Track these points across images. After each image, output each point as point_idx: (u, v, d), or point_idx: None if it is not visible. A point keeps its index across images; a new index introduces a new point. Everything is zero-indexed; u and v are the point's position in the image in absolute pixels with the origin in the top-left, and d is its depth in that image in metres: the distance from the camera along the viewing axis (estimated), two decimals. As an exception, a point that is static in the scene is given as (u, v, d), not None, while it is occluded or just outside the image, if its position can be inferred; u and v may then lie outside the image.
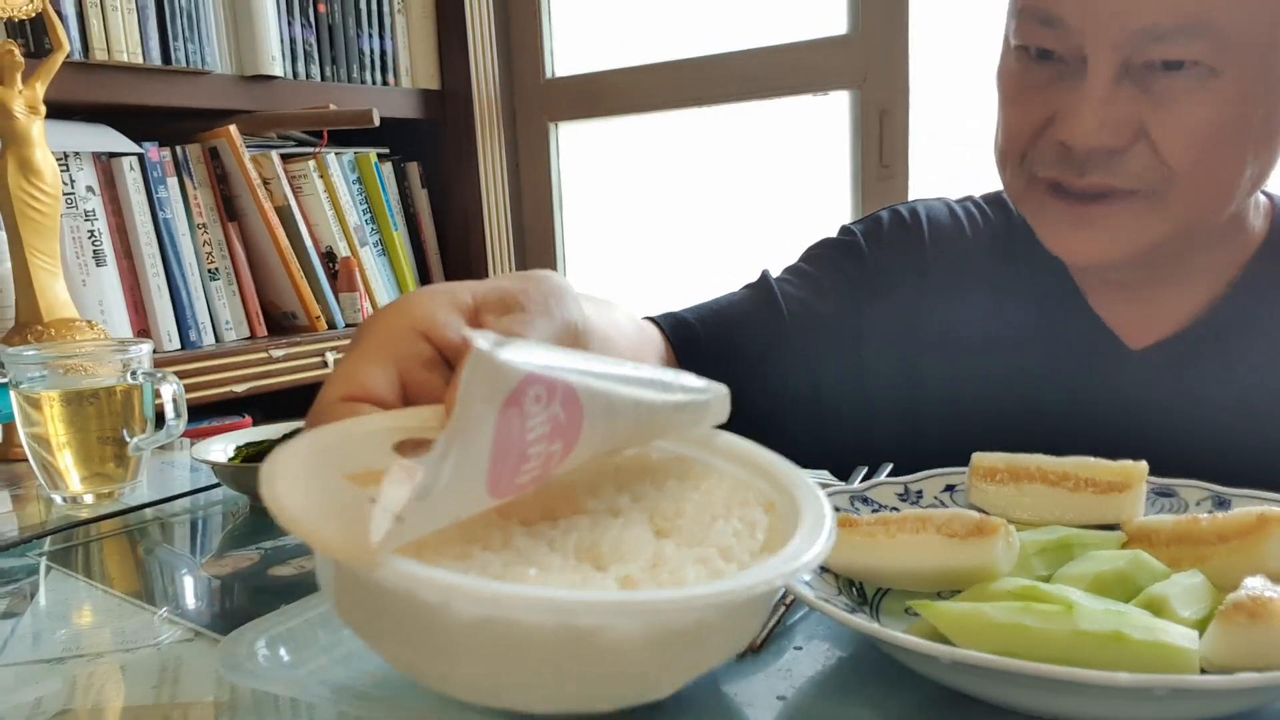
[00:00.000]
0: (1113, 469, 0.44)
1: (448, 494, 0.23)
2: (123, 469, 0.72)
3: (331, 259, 1.44)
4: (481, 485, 0.24)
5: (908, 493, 0.48)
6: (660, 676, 0.28)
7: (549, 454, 0.25)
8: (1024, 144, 0.53)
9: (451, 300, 0.34)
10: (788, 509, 0.32)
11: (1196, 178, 0.49)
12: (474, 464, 0.23)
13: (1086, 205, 0.51)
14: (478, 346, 0.22)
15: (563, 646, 0.25)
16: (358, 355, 0.32)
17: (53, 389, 0.70)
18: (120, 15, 1.21)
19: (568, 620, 0.25)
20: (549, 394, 0.24)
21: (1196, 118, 0.48)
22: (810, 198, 1.52)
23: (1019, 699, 0.32)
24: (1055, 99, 0.50)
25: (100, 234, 1.20)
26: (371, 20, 1.51)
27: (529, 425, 0.24)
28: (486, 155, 1.61)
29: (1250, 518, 0.37)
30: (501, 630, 0.25)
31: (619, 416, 0.27)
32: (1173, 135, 0.48)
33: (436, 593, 0.24)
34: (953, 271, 0.64)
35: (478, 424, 0.23)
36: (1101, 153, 0.49)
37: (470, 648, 0.25)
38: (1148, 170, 0.49)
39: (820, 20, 1.43)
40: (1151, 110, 0.48)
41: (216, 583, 0.55)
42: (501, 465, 0.24)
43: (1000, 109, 0.55)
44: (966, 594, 0.38)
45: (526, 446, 0.24)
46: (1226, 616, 0.32)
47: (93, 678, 0.43)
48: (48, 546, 0.63)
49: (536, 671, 0.26)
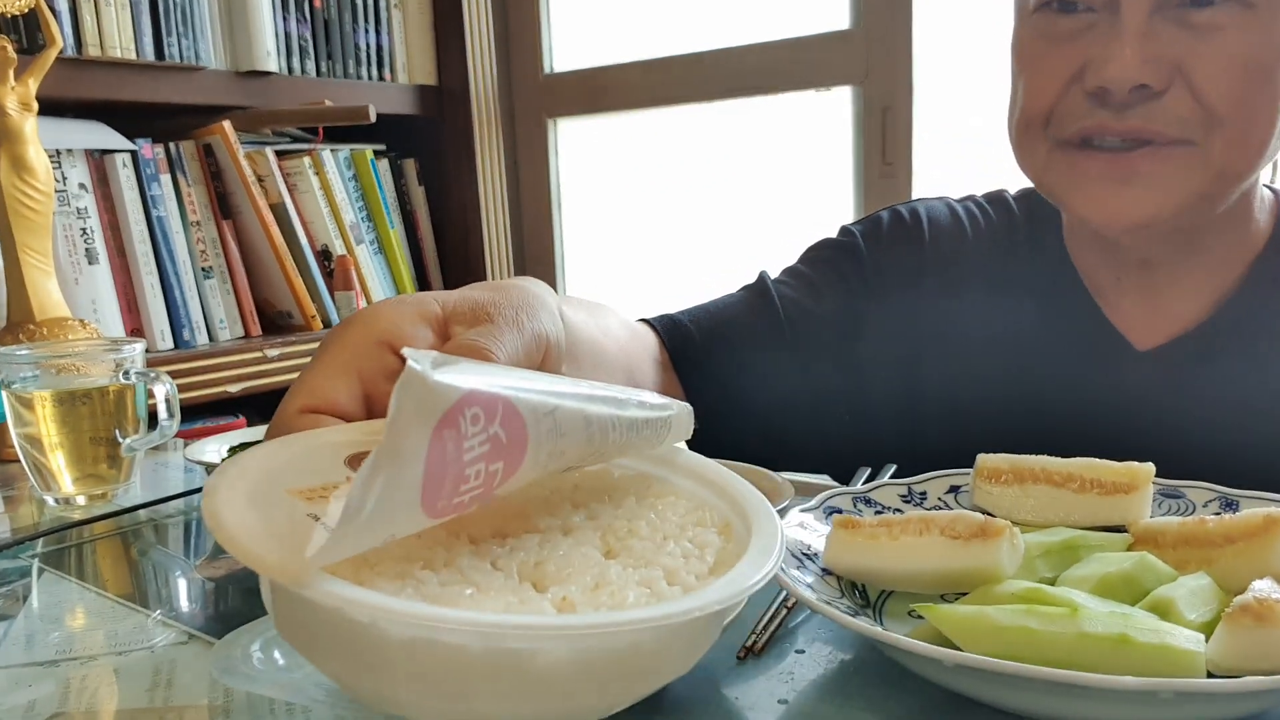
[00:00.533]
0: (1119, 470, 0.43)
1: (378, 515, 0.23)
2: (115, 470, 0.72)
3: (327, 257, 1.43)
4: (415, 505, 0.24)
5: (911, 494, 0.48)
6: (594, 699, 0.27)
7: (490, 473, 0.25)
8: (1050, 102, 0.52)
9: (419, 311, 0.34)
10: (743, 531, 0.32)
11: (1235, 120, 0.48)
12: (406, 484, 0.23)
13: (1123, 156, 0.49)
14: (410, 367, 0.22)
15: (492, 668, 0.25)
16: (320, 366, 0.32)
17: (45, 389, 0.69)
18: (113, 10, 1.20)
19: (495, 644, 0.25)
20: (487, 414, 0.24)
21: (1233, 52, 0.47)
22: (812, 194, 1.52)
23: (1023, 702, 0.32)
24: (1085, 48, 0.50)
25: (93, 232, 1.19)
26: (368, 15, 1.50)
27: (465, 445, 0.24)
28: (484, 152, 1.60)
29: (1257, 519, 0.37)
30: (431, 650, 0.25)
31: (567, 435, 0.27)
32: (1211, 72, 0.47)
33: (364, 613, 0.24)
34: (953, 271, 0.64)
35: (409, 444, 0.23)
36: (1140, 93, 0.48)
37: (401, 667, 0.25)
38: (1187, 115, 0.48)
39: (822, 15, 1.43)
40: (1189, 47, 0.47)
41: (210, 585, 0.55)
42: (437, 485, 0.24)
43: (1019, 79, 0.54)
44: (970, 596, 0.38)
45: (464, 467, 0.24)
46: (1233, 619, 0.32)
47: (86, 681, 0.42)
48: (40, 548, 0.62)
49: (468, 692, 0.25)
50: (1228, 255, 0.56)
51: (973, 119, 1.31)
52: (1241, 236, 0.57)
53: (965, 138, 1.33)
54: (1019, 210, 0.65)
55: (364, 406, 0.32)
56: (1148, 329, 0.57)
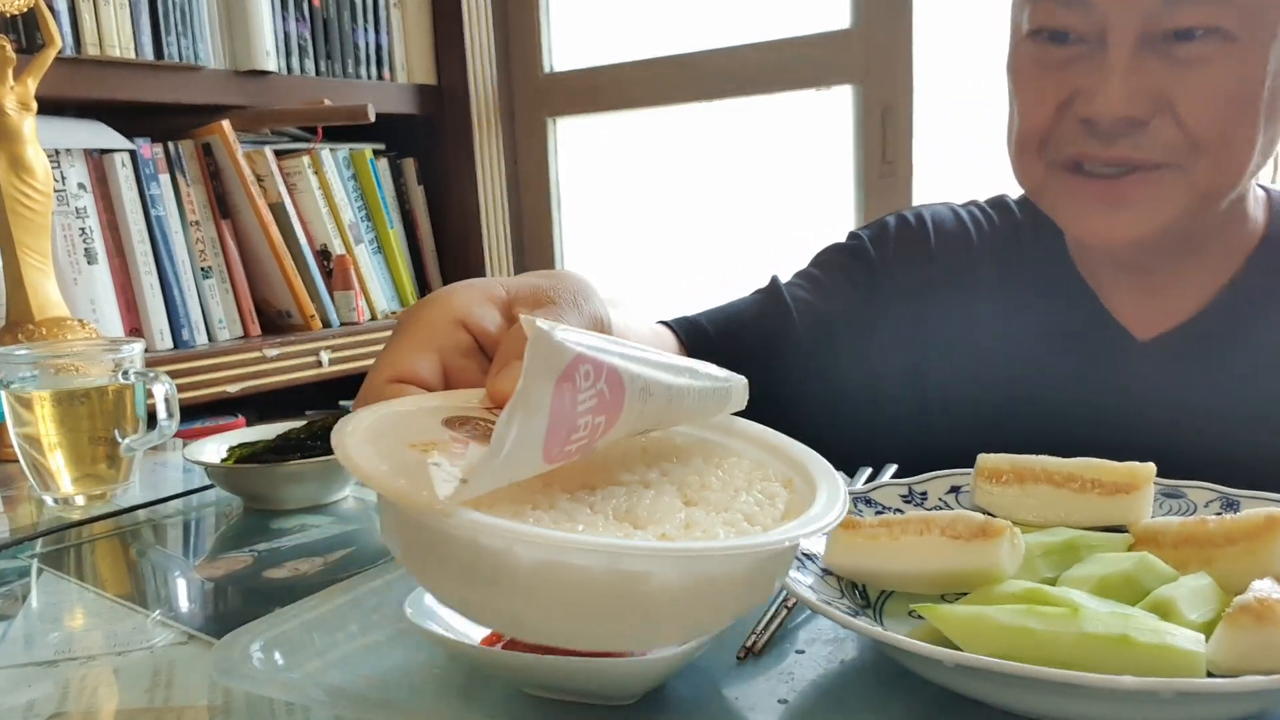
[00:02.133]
0: (1119, 470, 0.43)
1: (511, 457, 0.26)
2: (114, 470, 0.72)
3: (326, 257, 1.43)
4: (538, 451, 0.27)
5: (912, 494, 0.48)
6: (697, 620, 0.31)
7: (594, 425, 0.29)
8: (1044, 128, 0.54)
9: (487, 294, 0.37)
10: (804, 485, 0.35)
11: (1217, 147, 0.50)
12: (534, 431, 0.26)
13: (1113, 183, 0.52)
14: (538, 326, 0.26)
15: (611, 589, 0.28)
16: (402, 343, 0.35)
17: (44, 389, 0.69)
18: (112, 10, 1.20)
19: (615, 564, 0.28)
20: (596, 372, 0.28)
21: (1217, 83, 0.49)
22: (812, 194, 1.52)
23: (1024, 702, 0.32)
24: (1075, 78, 0.52)
25: (92, 231, 1.19)
26: (367, 14, 1.50)
27: (579, 399, 0.27)
28: (484, 151, 1.60)
29: (1258, 519, 0.37)
30: (557, 574, 0.28)
31: (653, 397, 0.30)
32: (1195, 103, 0.49)
33: (499, 539, 0.27)
34: (958, 272, 0.65)
35: (538, 395, 0.26)
36: (1126, 124, 0.50)
37: (529, 590, 0.28)
38: (1172, 142, 0.50)
39: (822, 14, 1.43)
40: (1174, 79, 0.49)
41: (210, 585, 0.55)
42: (556, 433, 0.27)
43: (1015, 99, 0.56)
44: (971, 597, 0.38)
45: (576, 418, 0.28)
46: (1233, 619, 0.32)
47: (85, 681, 0.42)
48: (39, 548, 0.62)
49: (589, 612, 0.29)
50: (1224, 252, 0.58)
51: (973, 118, 1.31)
52: (1236, 234, 0.58)
53: (965, 137, 1.33)
54: (1020, 213, 0.67)
55: (442, 378, 0.35)
56: (1147, 321, 0.59)
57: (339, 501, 0.69)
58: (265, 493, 0.67)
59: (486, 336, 0.36)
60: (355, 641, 0.41)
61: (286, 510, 0.66)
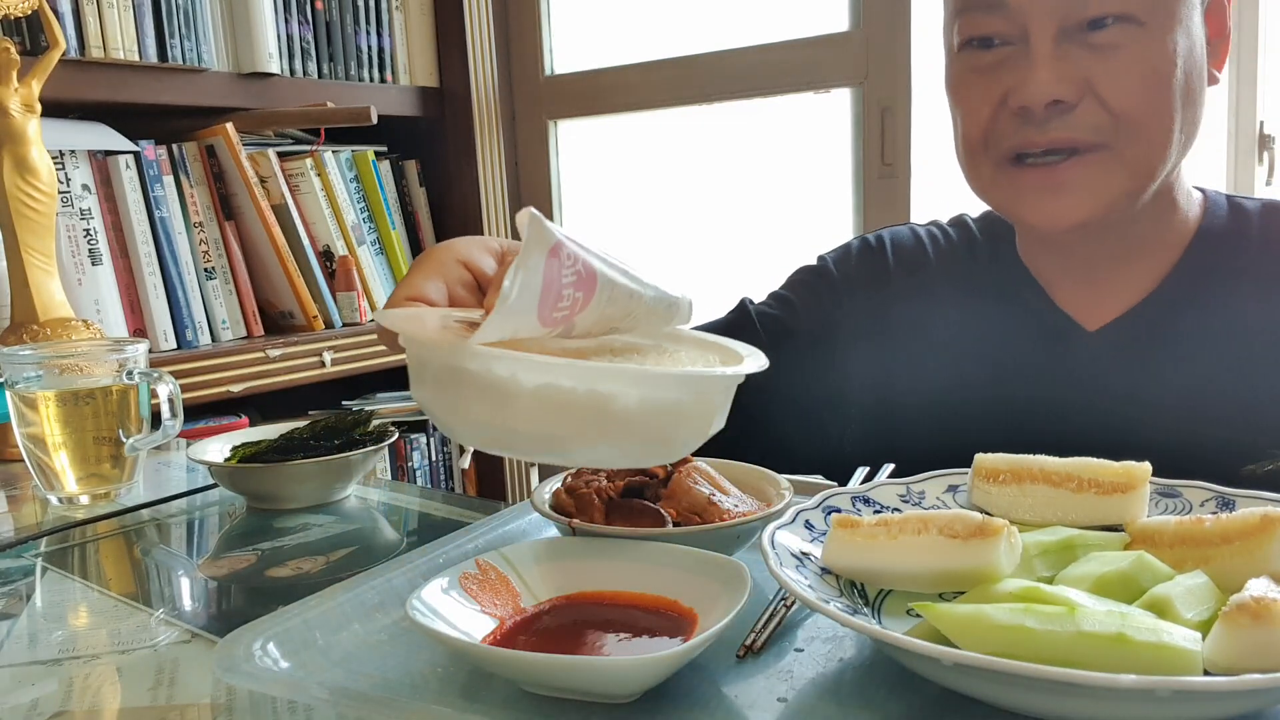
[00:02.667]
0: (1116, 470, 0.43)
1: (514, 307, 0.33)
2: (119, 469, 0.72)
3: (329, 258, 1.43)
4: (534, 310, 0.34)
5: (910, 494, 0.48)
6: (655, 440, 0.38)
7: (574, 299, 0.35)
8: (985, 127, 0.59)
9: (485, 245, 0.47)
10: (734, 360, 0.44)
11: (1139, 124, 0.56)
12: (531, 289, 0.33)
13: (1052, 169, 0.57)
14: (534, 213, 0.33)
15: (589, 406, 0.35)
16: (417, 273, 0.45)
17: (48, 389, 0.69)
18: (116, 12, 1.20)
19: (593, 384, 0.35)
20: (574, 258, 0.34)
21: (1131, 65, 0.55)
22: (811, 196, 1.52)
23: (1021, 701, 0.32)
24: (1005, 78, 0.57)
25: (96, 233, 1.20)
26: (369, 17, 1.50)
27: (563, 272, 0.34)
28: (485, 153, 1.60)
29: (1254, 519, 0.37)
30: (550, 394, 0.35)
31: (618, 289, 0.38)
32: (1115, 83, 0.55)
33: (507, 366, 0.35)
34: (916, 287, 0.71)
35: (534, 261, 0.33)
36: (1056, 109, 0.56)
37: (529, 409, 0.35)
38: (1099, 123, 0.56)
39: (822, 17, 1.43)
40: (1094, 63, 0.55)
41: (213, 584, 0.55)
42: (546, 296, 0.34)
43: (957, 110, 0.62)
44: (969, 595, 0.38)
45: (562, 287, 0.34)
46: (1230, 618, 0.32)
47: (89, 679, 0.43)
48: (44, 547, 0.62)
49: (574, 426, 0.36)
50: (1160, 244, 0.63)
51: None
52: (1170, 227, 0.63)
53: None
54: (977, 229, 0.73)
55: (448, 303, 0.44)
56: (1094, 312, 0.63)
57: (341, 501, 0.69)
58: (268, 492, 0.67)
59: (484, 276, 0.46)
60: (358, 640, 0.41)
61: (289, 509, 0.67)
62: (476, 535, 0.52)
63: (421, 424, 1.58)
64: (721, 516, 0.47)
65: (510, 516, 0.55)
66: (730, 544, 0.47)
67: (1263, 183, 1.25)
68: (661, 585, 0.41)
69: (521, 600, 0.42)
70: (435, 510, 0.71)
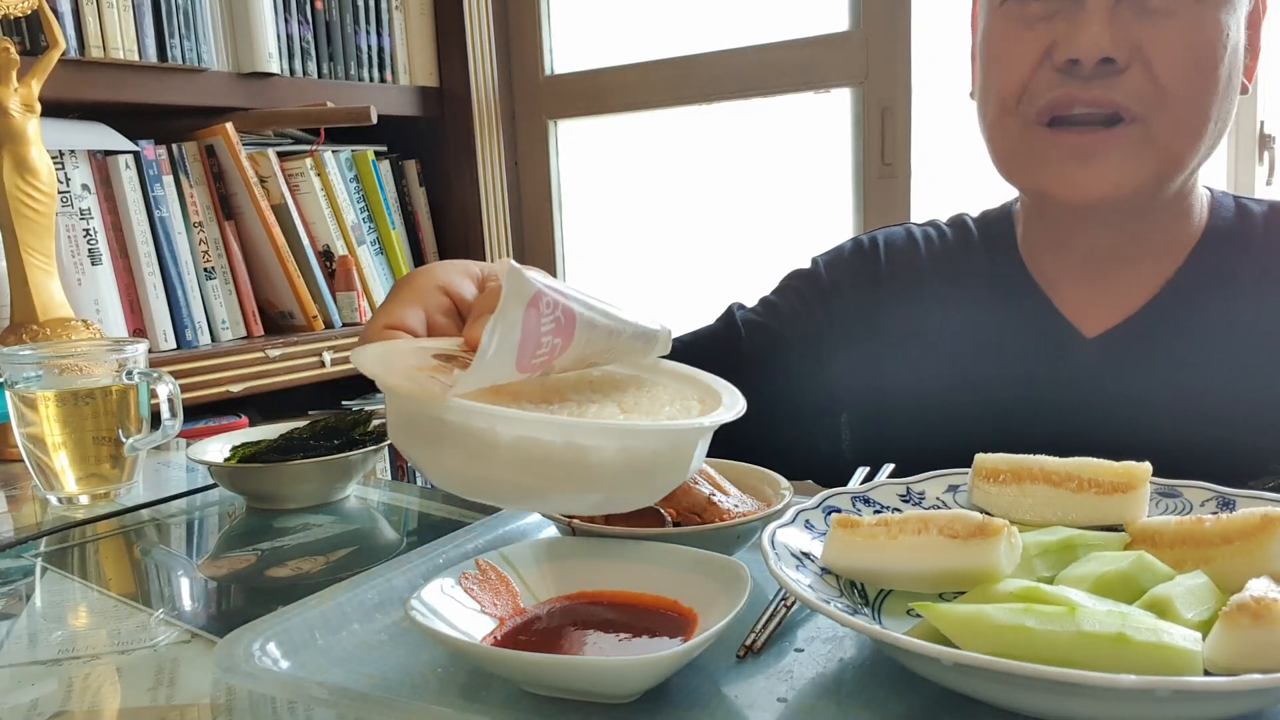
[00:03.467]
0: (1116, 470, 0.43)
1: (493, 360, 0.34)
2: (118, 469, 0.72)
3: (329, 258, 1.43)
4: (512, 360, 0.34)
5: (910, 494, 0.48)
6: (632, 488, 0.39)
7: (554, 345, 0.36)
8: (1023, 80, 0.57)
9: (465, 270, 0.46)
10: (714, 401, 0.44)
11: (1179, 101, 0.55)
12: (509, 342, 0.34)
13: (1088, 134, 0.55)
14: (512, 265, 0.33)
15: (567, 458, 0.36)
16: (396, 301, 0.44)
17: (48, 389, 0.69)
18: (116, 12, 1.20)
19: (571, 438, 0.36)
20: (553, 305, 0.35)
21: (1183, 36, 0.54)
22: (811, 196, 1.52)
23: (1021, 701, 0.32)
24: (1053, 29, 0.55)
25: (95, 233, 1.20)
26: (369, 17, 1.50)
27: (542, 322, 0.35)
28: (485, 153, 1.60)
29: (1254, 519, 0.37)
30: (528, 447, 0.36)
31: (597, 329, 0.38)
32: (1165, 53, 0.54)
33: (485, 420, 0.35)
34: (907, 287, 0.70)
35: (512, 315, 0.33)
36: (1105, 68, 0.54)
37: (507, 461, 0.36)
38: (1142, 92, 0.55)
39: (822, 17, 1.43)
40: (1147, 30, 0.54)
41: (213, 584, 0.55)
42: (525, 347, 0.35)
43: (992, 68, 0.59)
44: (969, 595, 0.38)
45: (540, 336, 0.35)
46: (1230, 618, 0.32)
47: (89, 679, 0.43)
48: (43, 547, 0.62)
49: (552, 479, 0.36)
50: (1167, 247, 0.62)
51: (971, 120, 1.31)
52: (1180, 229, 0.62)
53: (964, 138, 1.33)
54: (975, 228, 0.71)
55: (426, 330, 0.44)
56: (1095, 318, 0.62)
57: (341, 501, 0.69)
58: (268, 492, 0.67)
59: (463, 302, 0.45)
60: (357, 640, 0.41)
61: (289, 509, 0.67)
62: (476, 535, 0.52)
63: (421, 424, 1.58)
64: (721, 516, 0.47)
65: (510, 516, 0.55)
66: (730, 544, 0.47)
67: (1263, 183, 1.25)
68: (661, 585, 0.41)
69: (521, 600, 0.42)
70: (435, 510, 0.71)
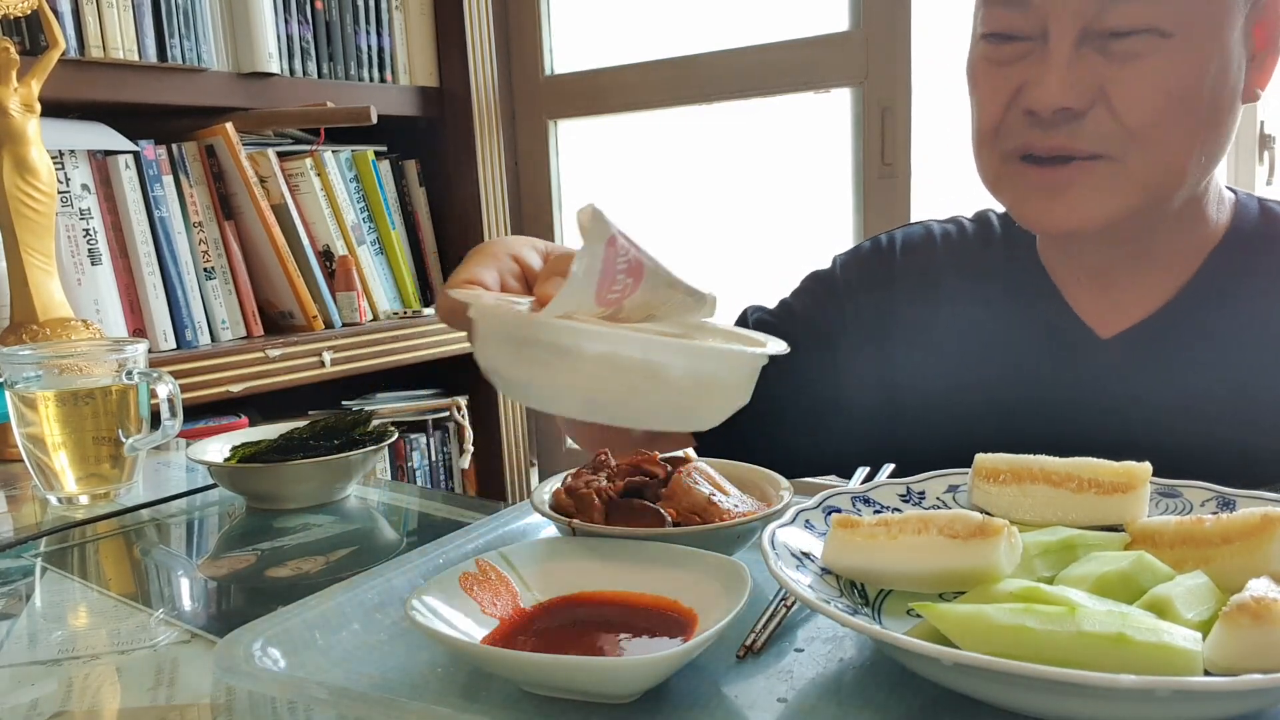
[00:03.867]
0: (1116, 470, 0.43)
1: (578, 285, 0.37)
2: (118, 469, 0.72)
3: (329, 258, 1.43)
4: (593, 290, 0.38)
5: (910, 494, 0.48)
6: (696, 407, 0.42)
7: (625, 284, 0.40)
8: (996, 119, 0.58)
9: (531, 244, 0.52)
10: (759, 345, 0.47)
11: (1152, 140, 0.54)
12: (592, 272, 0.38)
13: (1055, 170, 0.56)
14: (596, 208, 0.37)
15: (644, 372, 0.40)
16: (472, 263, 0.49)
17: (48, 389, 0.69)
18: (116, 12, 1.20)
19: (647, 354, 0.40)
20: (625, 249, 0.39)
21: (1151, 76, 0.52)
22: (811, 196, 1.52)
23: (1021, 701, 0.32)
24: (1022, 72, 0.56)
25: (95, 232, 1.20)
26: (369, 17, 1.50)
27: (617, 260, 0.38)
28: (485, 153, 1.60)
29: (1254, 519, 0.37)
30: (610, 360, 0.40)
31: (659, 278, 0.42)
32: (1129, 95, 0.53)
33: (572, 336, 0.40)
34: (920, 286, 0.69)
35: (594, 247, 0.37)
36: (1064, 115, 0.54)
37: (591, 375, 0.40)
38: (1107, 132, 0.54)
39: (822, 17, 1.43)
40: (1111, 72, 0.53)
41: (213, 584, 0.55)
42: (604, 279, 0.38)
43: (973, 96, 0.60)
44: (969, 595, 0.38)
45: (615, 272, 0.39)
46: (1230, 618, 0.32)
47: (89, 679, 0.43)
48: (43, 547, 0.62)
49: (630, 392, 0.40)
50: (1181, 252, 0.61)
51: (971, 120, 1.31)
52: (1195, 235, 0.61)
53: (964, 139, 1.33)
54: (998, 223, 0.71)
55: (500, 288, 0.48)
56: (1109, 320, 0.62)
57: (341, 501, 0.69)
58: (268, 492, 0.67)
59: (531, 270, 0.50)
60: (358, 640, 0.41)
61: (289, 509, 0.67)
62: (476, 535, 0.52)
63: (421, 424, 1.58)
64: (721, 516, 0.47)
65: (510, 516, 0.55)
66: (730, 544, 0.47)
67: (1263, 183, 1.25)
68: (661, 585, 0.41)
69: (521, 600, 0.42)
70: (435, 510, 0.71)
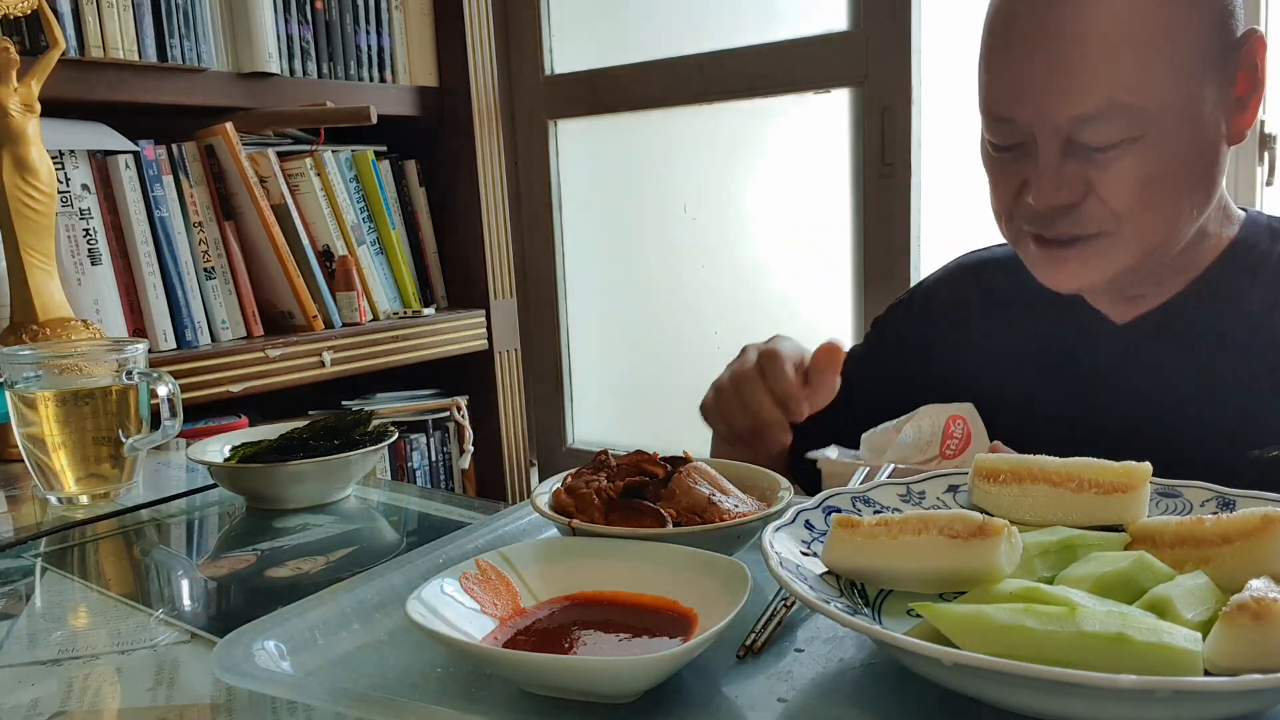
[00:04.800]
0: (1116, 470, 0.43)
1: None
2: (118, 469, 0.72)
3: (329, 258, 1.43)
4: None
5: (910, 494, 0.48)
6: None
7: None
8: (1008, 207, 0.66)
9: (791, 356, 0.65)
10: None
11: (1142, 218, 0.61)
12: None
13: (1061, 249, 0.64)
14: None
15: None
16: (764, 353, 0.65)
17: (48, 389, 0.69)
18: (116, 12, 1.20)
19: None
20: None
21: (1131, 171, 0.60)
22: (811, 196, 1.52)
23: (1021, 701, 0.32)
24: (1022, 170, 0.63)
25: (95, 232, 1.20)
26: (369, 17, 1.50)
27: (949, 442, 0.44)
28: (485, 153, 1.60)
29: (1255, 519, 0.37)
30: None
31: None
32: (1114, 189, 0.60)
33: None
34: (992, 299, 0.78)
35: None
36: (1061, 209, 0.62)
37: None
38: (1101, 217, 0.62)
39: (821, 17, 1.43)
40: (1094, 173, 0.61)
41: (213, 584, 0.55)
42: None
43: (988, 179, 0.68)
44: (969, 595, 0.38)
45: None
46: (1230, 618, 0.32)
47: (89, 679, 0.43)
48: (43, 548, 0.62)
49: None
50: (1189, 262, 0.67)
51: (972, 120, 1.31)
52: (1200, 247, 0.67)
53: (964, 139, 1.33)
54: None
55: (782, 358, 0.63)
56: (1124, 311, 0.70)
57: (341, 501, 0.69)
58: (268, 492, 0.67)
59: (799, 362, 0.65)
60: (358, 640, 0.41)
61: (289, 509, 0.67)
62: (476, 535, 0.52)
63: (421, 424, 1.58)
64: (721, 516, 0.47)
65: (510, 516, 0.55)
66: (730, 544, 0.47)
67: (1263, 183, 1.25)
68: (661, 585, 0.41)
69: (521, 600, 0.42)
70: (435, 510, 0.71)
